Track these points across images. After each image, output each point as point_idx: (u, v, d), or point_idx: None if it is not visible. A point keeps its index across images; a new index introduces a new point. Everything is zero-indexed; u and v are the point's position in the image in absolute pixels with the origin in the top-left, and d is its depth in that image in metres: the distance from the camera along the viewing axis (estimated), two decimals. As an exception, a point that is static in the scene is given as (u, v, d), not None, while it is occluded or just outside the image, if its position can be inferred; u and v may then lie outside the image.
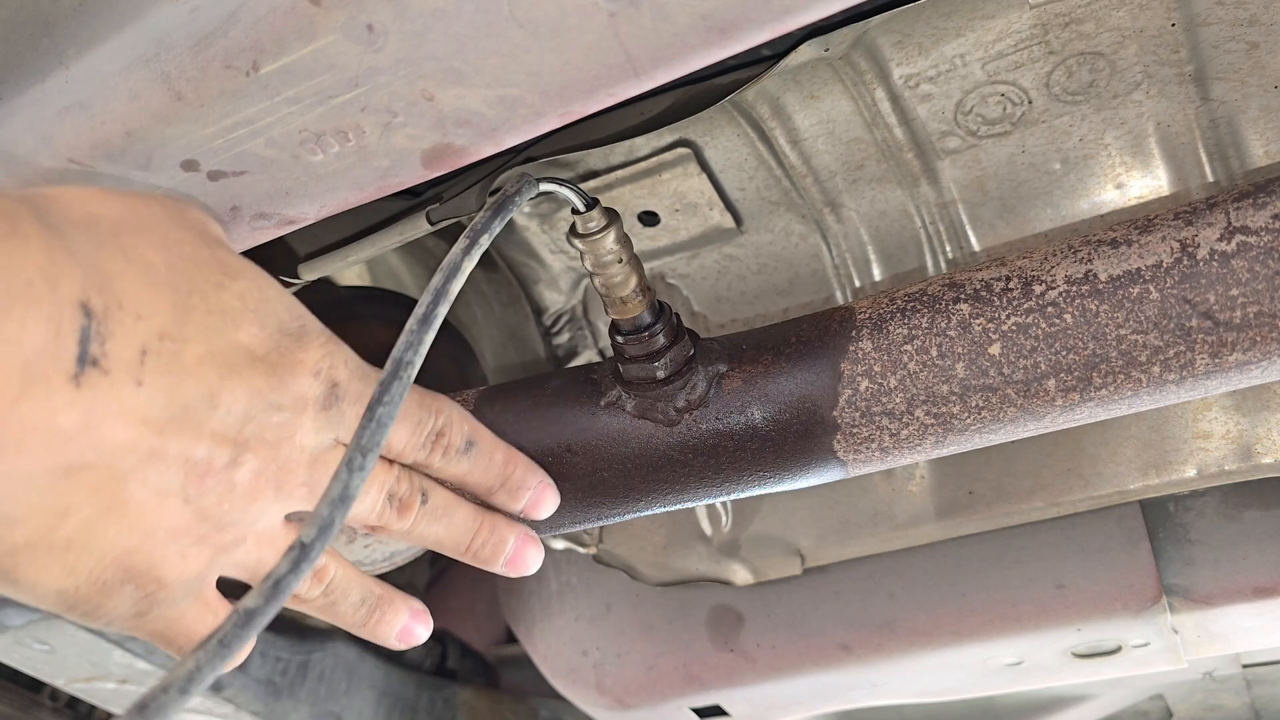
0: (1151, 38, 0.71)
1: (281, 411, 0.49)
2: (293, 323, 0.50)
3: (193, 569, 0.49)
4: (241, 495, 0.48)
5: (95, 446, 0.41)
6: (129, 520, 0.45)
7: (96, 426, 0.41)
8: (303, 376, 0.50)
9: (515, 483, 0.64)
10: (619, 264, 0.63)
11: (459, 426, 0.59)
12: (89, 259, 0.41)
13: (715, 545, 1.10)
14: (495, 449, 0.62)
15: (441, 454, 0.58)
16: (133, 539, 0.45)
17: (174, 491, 0.45)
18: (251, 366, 0.47)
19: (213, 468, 0.46)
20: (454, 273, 0.50)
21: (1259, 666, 1.34)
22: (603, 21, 0.46)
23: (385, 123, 0.52)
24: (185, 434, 0.44)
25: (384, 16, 0.47)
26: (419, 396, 0.57)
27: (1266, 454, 0.89)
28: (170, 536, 0.47)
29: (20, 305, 0.36)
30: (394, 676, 1.57)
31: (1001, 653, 1.07)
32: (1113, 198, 0.81)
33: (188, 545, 0.48)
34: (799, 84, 0.78)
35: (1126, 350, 0.60)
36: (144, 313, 0.43)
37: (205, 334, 0.45)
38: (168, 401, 0.43)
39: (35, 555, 0.44)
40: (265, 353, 0.48)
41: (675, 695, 1.19)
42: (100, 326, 0.40)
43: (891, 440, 0.66)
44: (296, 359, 0.49)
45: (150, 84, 0.51)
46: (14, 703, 1.46)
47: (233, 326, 0.47)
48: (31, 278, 0.37)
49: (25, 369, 0.37)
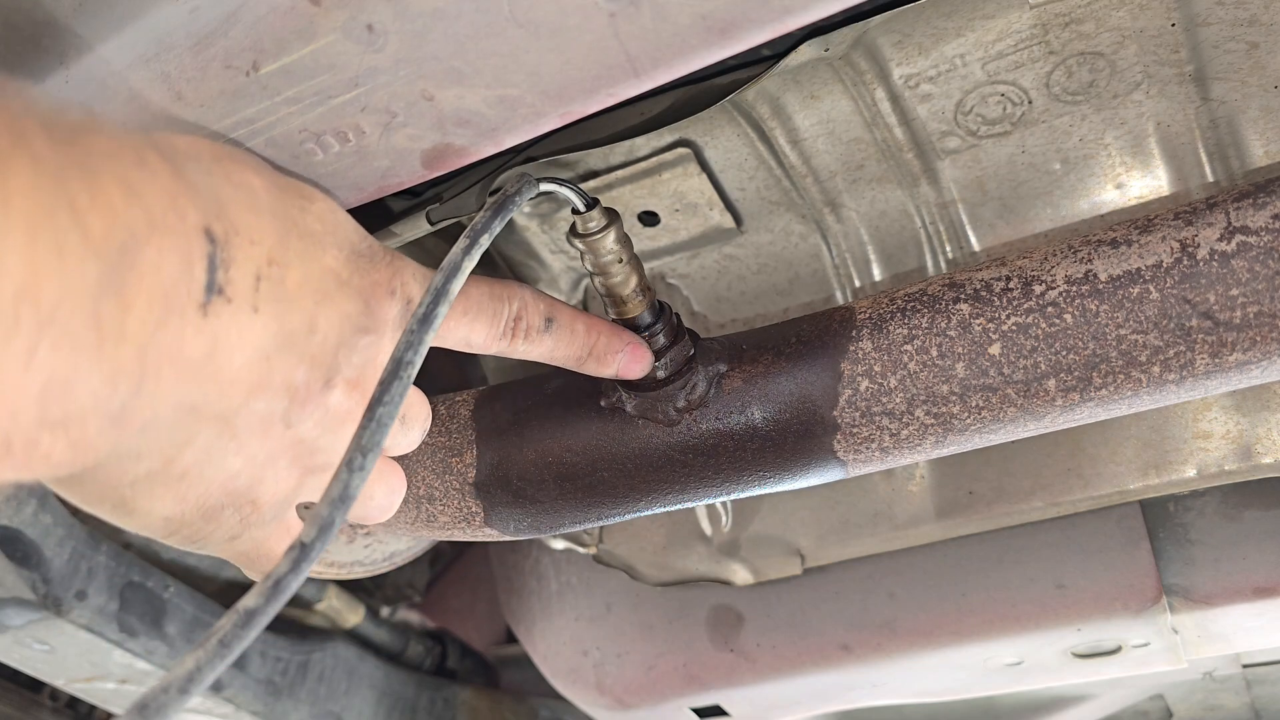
0: (1151, 38, 0.71)
1: (368, 334, 0.50)
2: (362, 244, 0.51)
3: (284, 491, 0.50)
4: (334, 418, 0.49)
5: (215, 376, 0.41)
6: (237, 445, 0.46)
7: (219, 355, 0.41)
8: (383, 298, 0.51)
9: (601, 349, 0.63)
10: (619, 264, 0.63)
11: (534, 307, 0.59)
12: (205, 186, 0.41)
13: (715, 545, 1.10)
14: (575, 320, 0.62)
15: (524, 338, 0.59)
16: (238, 464, 0.47)
17: (277, 417, 0.46)
18: (340, 290, 0.48)
19: (311, 392, 0.47)
20: (454, 273, 0.50)
21: (1259, 666, 1.34)
22: (603, 21, 0.46)
23: (385, 123, 0.52)
24: (289, 360, 0.45)
25: (384, 16, 0.47)
26: (489, 287, 0.57)
27: (1266, 454, 0.89)
28: (269, 460, 0.48)
29: (158, 235, 0.36)
30: (394, 676, 1.57)
31: (1001, 653, 1.07)
32: (1113, 198, 0.81)
33: (283, 468, 0.49)
34: (799, 84, 0.78)
35: (1126, 350, 0.60)
36: (256, 238, 0.43)
37: (302, 259, 0.46)
38: (278, 328, 0.44)
39: (153, 485, 0.45)
40: (349, 275, 0.49)
41: (675, 695, 1.19)
42: (223, 253, 0.40)
43: (891, 440, 0.66)
44: (374, 279, 0.50)
45: (150, 84, 0.51)
46: (14, 703, 1.46)
47: (320, 249, 0.48)
48: (165, 207, 0.37)
49: (165, 298, 0.37)
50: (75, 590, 1.07)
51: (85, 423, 0.34)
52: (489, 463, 0.72)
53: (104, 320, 0.33)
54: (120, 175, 0.35)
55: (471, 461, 0.73)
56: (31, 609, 1.05)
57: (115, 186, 0.34)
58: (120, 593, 1.12)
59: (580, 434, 0.70)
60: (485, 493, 0.73)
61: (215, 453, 0.45)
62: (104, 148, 0.35)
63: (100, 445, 0.37)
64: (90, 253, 0.32)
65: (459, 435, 0.74)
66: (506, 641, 2.03)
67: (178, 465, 0.45)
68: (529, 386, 0.75)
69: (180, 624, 1.19)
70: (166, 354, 0.38)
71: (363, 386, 0.50)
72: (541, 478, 0.71)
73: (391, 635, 1.62)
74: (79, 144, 0.33)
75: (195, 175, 0.41)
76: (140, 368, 0.36)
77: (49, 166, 0.31)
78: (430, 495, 0.75)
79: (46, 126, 0.32)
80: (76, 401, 0.33)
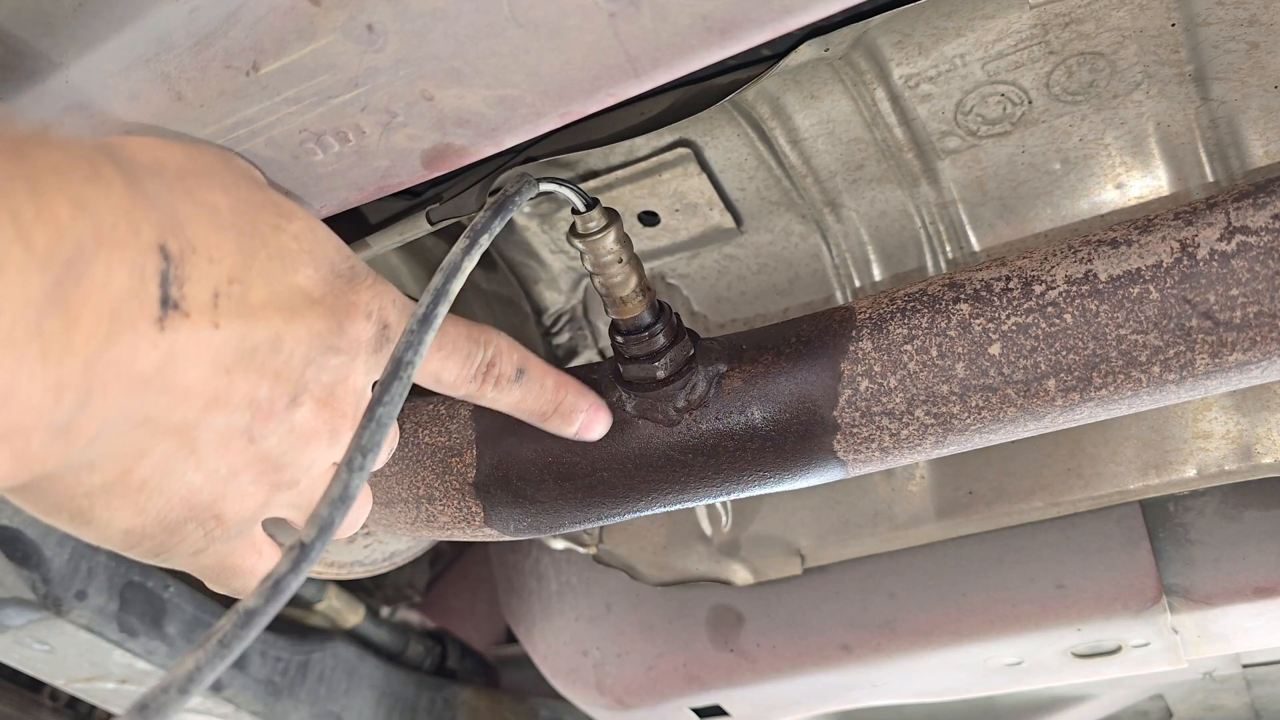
0: (1151, 38, 0.71)
1: (339, 354, 0.50)
2: (343, 264, 0.51)
3: (250, 507, 0.50)
4: (300, 436, 0.49)
5: (171, 389, 0.42)
6: (197, 460, 0.46)
7: (173, 369, 0.41)
8: (357, 319, 0.50)
9: (567, 407, 0.64)
10: (619, 264, 0.63)
11: (508, 355, 0.59)
12: (163, 203, 0.41)
13: (715, 545, 1.10)
14: (545, 375, 0.62)
15: (494, 385, 0.59)
16: (199, 478, 0.47)
17: (239, 432, 0.46)
18: (310, 309, 0.48)
19: (275, 409, 0.47)
20: (454, 273, 0.50)
21: (1259, 666, 1.34)
22: (603, 21, 0.46)
23: (385, 123, 0.52)
24: (251, 375, 0.45)
25: (384, 16, 0.47)
26: (466, 329, 0.57)
27: (1266, 454, 0.89)
28: (232, 474, 0.48)
29: (107, 249, 0.36)
30: (394, 676, 1.57)
31: (1001, 653, 1.07)
32: (1113, 198, 0.81)
33: (248, 483, 0.49)
34: (799, 84, 0.78)
35: (1126, 350, 0.60)
36: (215, 256, 0.43)
37: (267, 277, 0.46)
38: (239, 344, 0.44)
39: (110, 497, 0.45)
40: (321, 295, 0.49)
41: (675, 695, 1.19)
42: (178, 270, 0.40)
43: (891, 440, 0.66)
44: (350, 301, 0.50)
45: (150, 84, 0.51)
46: (14, 703, 1.46)
47: (291, 269, 0.48)
48: (115, 221, 0.37)
49: (113, 313, 0.37)
50: (75, 590, 1.07)
51: (28, 436, 0.35)
52: (489, 463, 0.72)
53: (48, 334, 0.33)
54: (68, 190, 0.35)
55: (471, 461, 0.73)
56: (31, 609, 1.05)
57: (62, 201, 0.34)
58: (120, 593, 1.12)
59: (580, 434, 0.70)
60: (485, 493, 0.73)
61: (174, 465, 0.45)
62: (52, 161, 0.35)
63: (45, 457, 0.37)
64: (34, 266, 0.32)
65: (459, 435, 0.74)
66: (506, 641, 2.03)
67: (135, 476, 0.44)
68: (529, 386, 0.75)
69: (180, 624, 1.19)
70: (116, 368, 0.38)
71: (332, 405, 0.50)
72: (541, 478, 0.71)
73: (391, 635, 1.62)
74: (23, 157, 0.33)
75: (154, 190, 0.41)
76: (87, 381, 0.36)
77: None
78: (430, 495, 0.75)
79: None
80: (18, 415, 0.33)
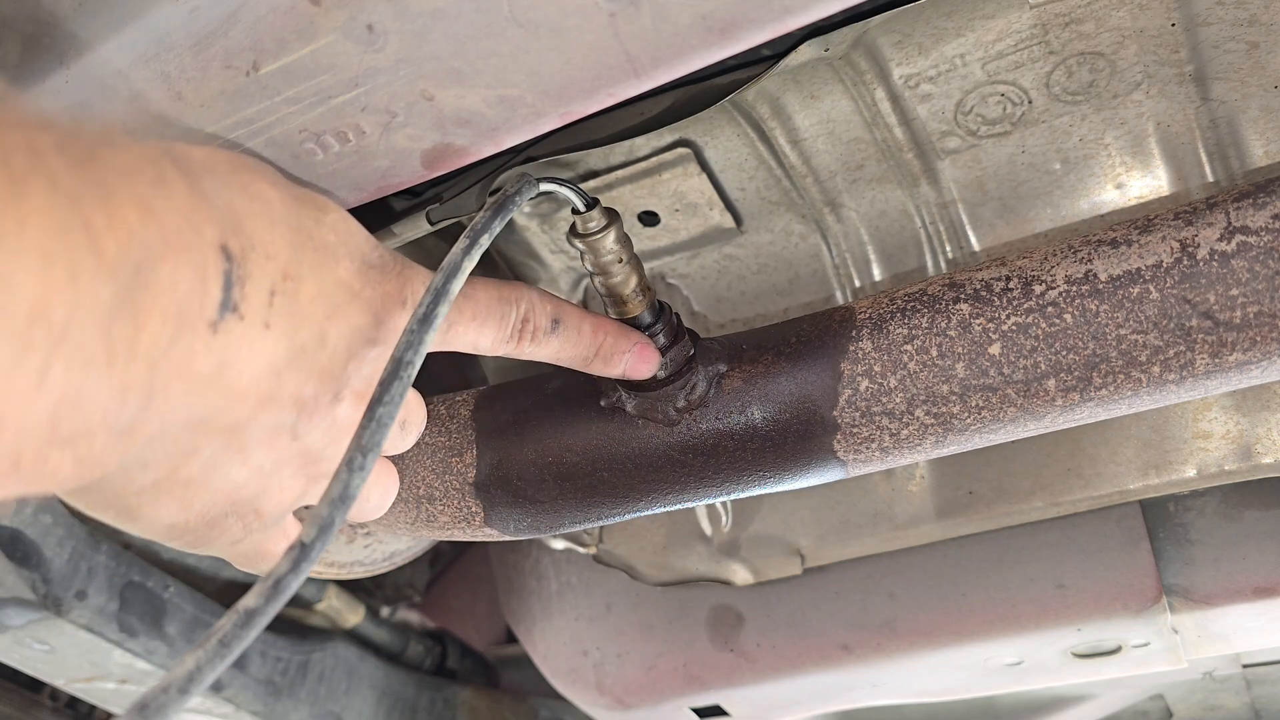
0: (1151, 38, 0.71)
1: (377, 346, 0.50)
2: (373, 253, 0.51)
3: (288, 499, 0.51)
4: (341, 429, 0.50)
5: (224, 390, 0.42)
6: (244, 457, 0.46)
7: (228, 370, 0.41)
8: (394, 310, 0.51)
9: (608, 349, 0.63)
10: (619, 264, 0.63)
11: (541, 308, 0.59)
12: (221, 201, 0.41)
13: (715, 545, 1.10)
14: (582, 321, 0.62)
15: (530, 339, 0.59)
16: (244, 474, 0.47)
17: (285, 429, 0.47)
18: (351, 303, 0.48)
19: (320, 405, 0.48)
20: (454, 273, 0.50)
21: (1259, 666, 1.34)
22: (603, 21, 0.46)
23: (385, 123, 0.52)
24: (299, 373, 0.46)
25: (384, 16, 0.47)
26: (497, 290, 0.57)
27: (1266, 454, 0.89)
28: (275, 470, 0.48)
29: (174, 251, 0.36)
30: (394, 676, 1.57)
31: (1001, 653, 1.07)
32: (1113, 198, 0.81)
33: (289, 477, 0.50)
34: (799, 84, 0.78)
35: (1126, 350, 0.60)
36: (271, 252, 0.43)
37: (315, 271, 0.46)
38: (289, 343, 0.44)
39: (158, 494, 0.46)
40: (360, 287, 0.49)
41: (675, 695, 1.19)
42: (239, 270, 0.41)
43: (891, 440, 0.66)
44: (385, 291, 0.51)
45: (150, 84, 0.51)
46: (14, 703, 1.46)
47: (334, 262, 0.48)
48: (180, 224, 0.37)
49: (179, 315, 0.37)
50: (75, 590, 1.07)
51: (93, 439, 0.35)
52: (489, 463, 0.72)
53: (116, 338, 0.34)
54: (136, 194, 0.35)
55: (471, 461, 0.73)
56: (31, 609, 1.05)
57: (131, 206, 0.34)
58: (120, 593, 1.12)
59: (580, 434, 0.70)
60: (485, 493, 0.73)
61: (221, 463, 0.46)
62: (121, 165, 0.35)
63: (107, 460, 0.37)
64: (105, 273, 0.32)
65: (459, 435, 0.74)
66: (506, 641, 2.03)
67: (183, 474, 0.45)
68: (529, 386, 0.75)
69: (180, 624, 1.19)
70: (176, 369, 0.38)
71: (369, 396, 0.50)
72: (541, 478, 0.71)
73: (391, 635, 1.62)
74: (95, 162, 0.33)
75: (212, 189, 0.41)
76: (149, 384, 0.36)
77: (65, 187, 0.31)
78: (430, 495, 0.75)
79: (62, 145, 0.32)
80: (86, 419, 0.33)
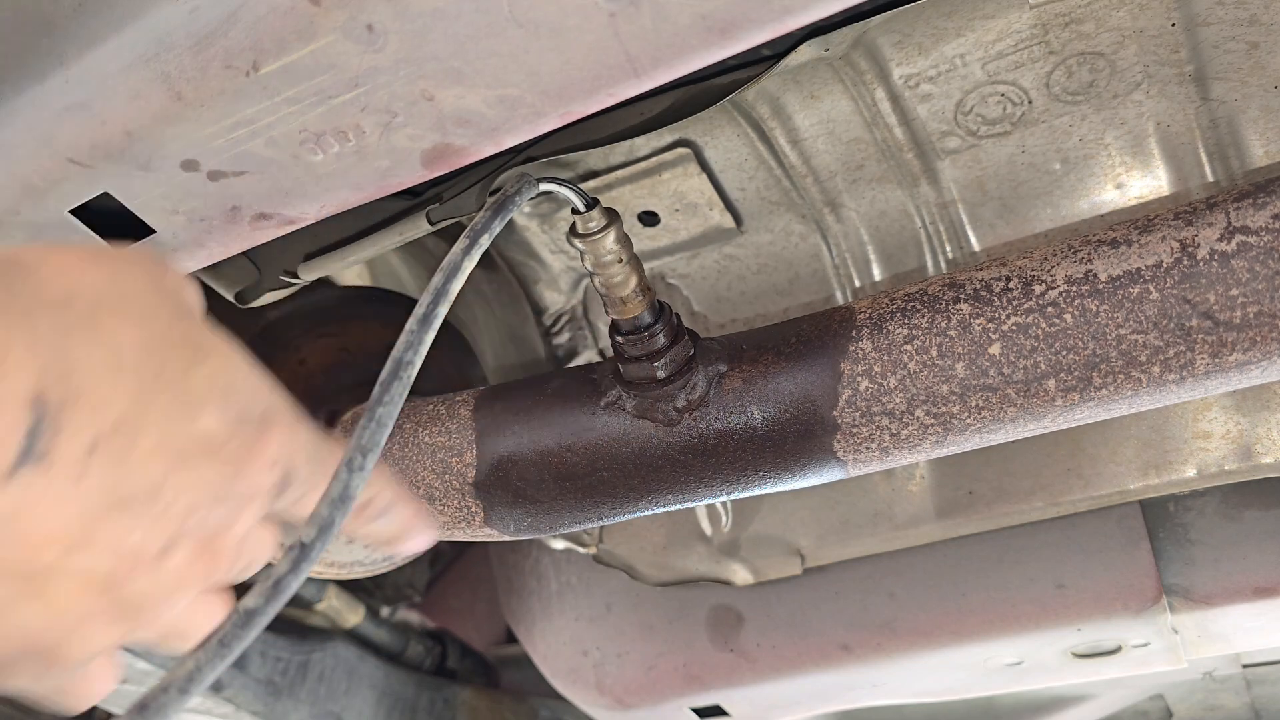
0: (1151, 38, 0.71)
1: (228, 503, 0.47)
2: (256, 407, 0.48)
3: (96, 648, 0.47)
4: (168, 584, 0.46)
5: (19, 537, 0.40)
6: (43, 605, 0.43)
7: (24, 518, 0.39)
8: (259, 469, 0.47)
9: None
10: (619, 264, 0.63)
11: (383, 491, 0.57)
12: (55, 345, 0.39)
13: (715, 545, 1.10)
14: None
15: None
16: (43, 621, 0.44)
17: (97, 579, 0.44)
18: (205, 458, 0.45)
19: (143, 558, 0.44)
20: (454, 273, 0.50)
21: (1259, 666, 1.34)
22: (603, 21, 0.46)
23: (385, 123, 0.52)
24: (120, 524, 0.43)
25: (384, 16, 0.47)
26: None
27: (1266, 454, 0.89)
28: (82, 621, 0.45)
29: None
30: (394, 676, 1.57)
31: (1001, 653, 1.07)
32: (1113, 198, 0.81)
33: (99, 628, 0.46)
34: (799, 84, 0.78)
35: (1126, 350, 0.60)
36: (103, 402, 0.41)
37: (163, 422, 0.44)
38: (109, 494, 0.42)
39: None
40: (223, 442, 0.46)
41: (675, 695, 1.19)
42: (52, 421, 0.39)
43: (891, 440, 0.66)
44: (255, 449, 0.47)
45: (150, 84, 0.51)
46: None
47: (193, 413, 0.45)
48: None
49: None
50: (75, 590, 1.07)
51: None
52: (489, 463, 0.72)
53: None
54: None
55: (471, 461, 0.73)
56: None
57: None
58: (120, 593, 1.12)
59: (580, 434, 0.70)
60: (485, 493, 0.73)
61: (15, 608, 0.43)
62: None
63: None
64: None
65: (459, 435, 0.74)
66: (506, 641, 2.03)
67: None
68: (529, 386, 0.75)
69: (180, 624, 1.19)
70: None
71: (211, 552, 0.47)
72: (541, 478, 0.71)
73: (391, 635, 1.62)
74: None
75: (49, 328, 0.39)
76: None
77: None
78: (430, 495, 0.75)
79: None
80: None
